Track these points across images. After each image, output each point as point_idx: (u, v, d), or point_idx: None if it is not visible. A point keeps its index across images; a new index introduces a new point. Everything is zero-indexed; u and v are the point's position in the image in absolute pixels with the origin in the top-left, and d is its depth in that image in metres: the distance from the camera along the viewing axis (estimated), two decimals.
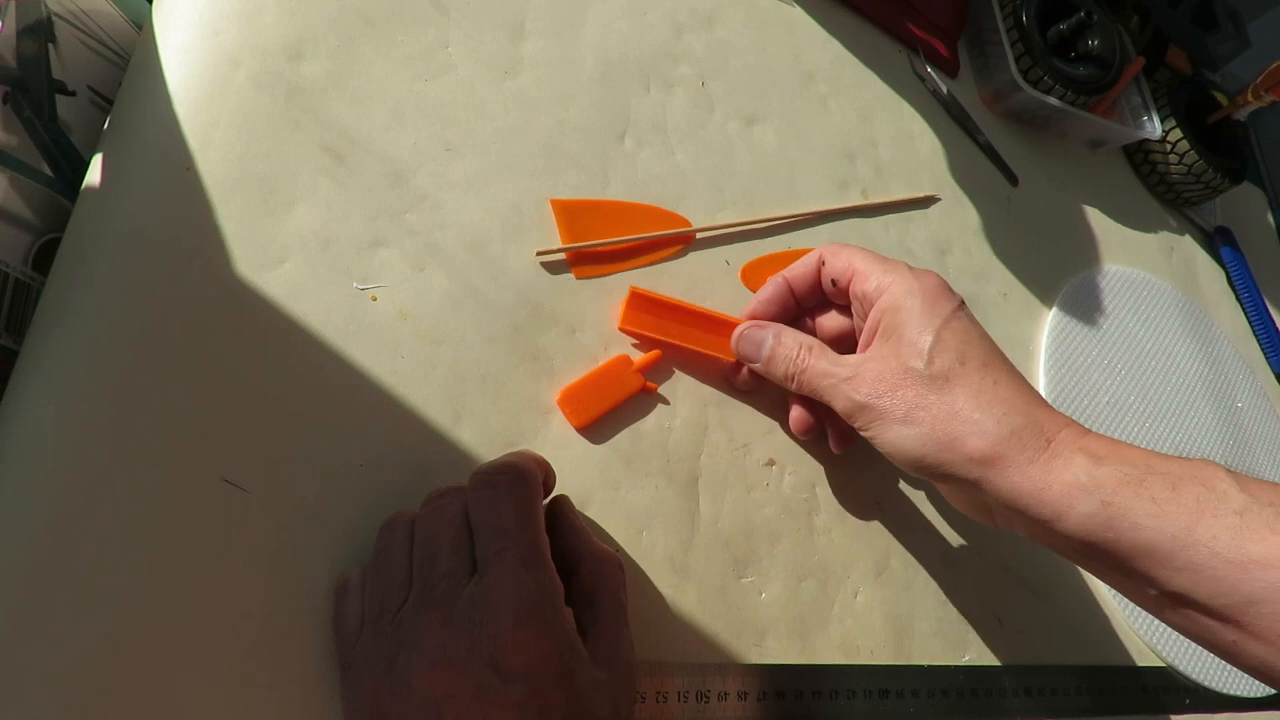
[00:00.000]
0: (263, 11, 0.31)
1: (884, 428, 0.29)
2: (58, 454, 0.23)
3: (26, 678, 0.21)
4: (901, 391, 0.29)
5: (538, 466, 0.26)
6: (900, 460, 0.29)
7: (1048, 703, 0.38)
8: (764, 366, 0.33)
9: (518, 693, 0.21)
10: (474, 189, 0.33)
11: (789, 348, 0.32)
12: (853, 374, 0.30)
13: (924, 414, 0.28)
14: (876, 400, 0.29)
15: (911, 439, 0.28)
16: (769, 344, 0.33)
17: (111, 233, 0.26)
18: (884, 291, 0.30)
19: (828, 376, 0.31)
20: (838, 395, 0.30)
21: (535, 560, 0.23)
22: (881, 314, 0.30)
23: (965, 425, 0.27)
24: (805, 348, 0.32)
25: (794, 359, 0.32)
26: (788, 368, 0.32)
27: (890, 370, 0.29)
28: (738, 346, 0.34)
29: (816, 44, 0.48)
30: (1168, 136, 0.61)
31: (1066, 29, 0.55)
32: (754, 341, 0.33)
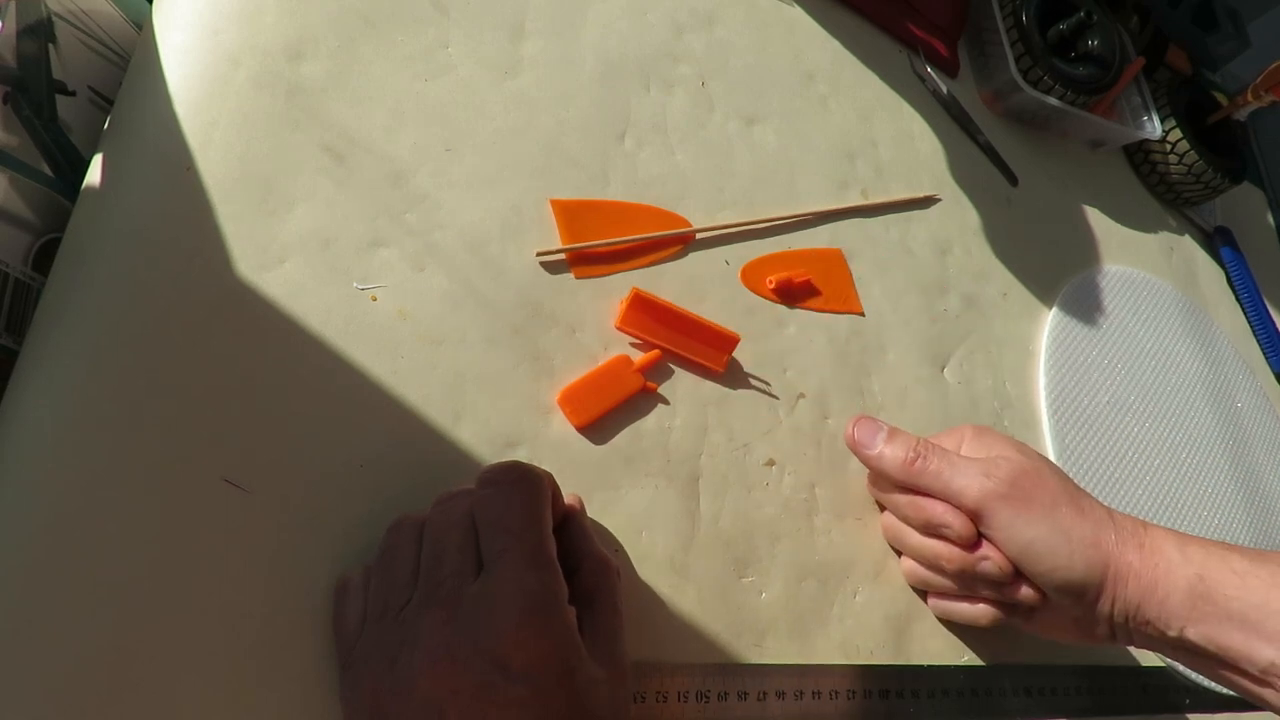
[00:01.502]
0: (263, 11, 0.31)
1: (1023, 527, 0.32)
2: (58, 454, 0.23)
3: (26, 678, 0.21)
4: (1036, 492, 0.32)
5: (546, 476, 0.26)
6: (1026, 552, 0.32)
7: (1048, 703, 0.38)
8: (880, 456, 0.34)
9: (520, 691, 0.21)
10: (474, 189, 0.33)
11: (906, 443, 0.34)
12: (985, 470, 0.32)
13: (1060, 511, 0.32)
14: (997, 495, 0.32)
15: (1041, 523, 0.31)
16: (883, 434, 0.34)
17: (111, 233, 0.26)
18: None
19: (955, 469, 0.33)
20: (966, 479, 0.32)
21: (540, 560, 0.23)
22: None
23: (1088, 529, 0.31)
24: (924, 443, 0.34)
25: (916, 445, 0.34)
26: (908, 453, 0.33)
27: (1017, 473, 0.32)
28: (855, 434, 0.35)
29: (816, 44, 0.48)
30: (1168, 136, 0.61)
31: (1066, 29, 0.55)
32: (868, 432, 0.35)
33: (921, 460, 0.33)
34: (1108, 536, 0.31)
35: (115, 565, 0.23)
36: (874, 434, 0.34)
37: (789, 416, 0.37)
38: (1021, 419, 0.46)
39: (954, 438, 0.36)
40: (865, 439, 0.34)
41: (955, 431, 0.36)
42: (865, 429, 0.34)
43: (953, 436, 0.36)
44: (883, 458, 0.34)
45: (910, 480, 0.33)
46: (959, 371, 0.44)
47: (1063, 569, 0.30)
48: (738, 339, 0.35)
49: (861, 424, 0.35)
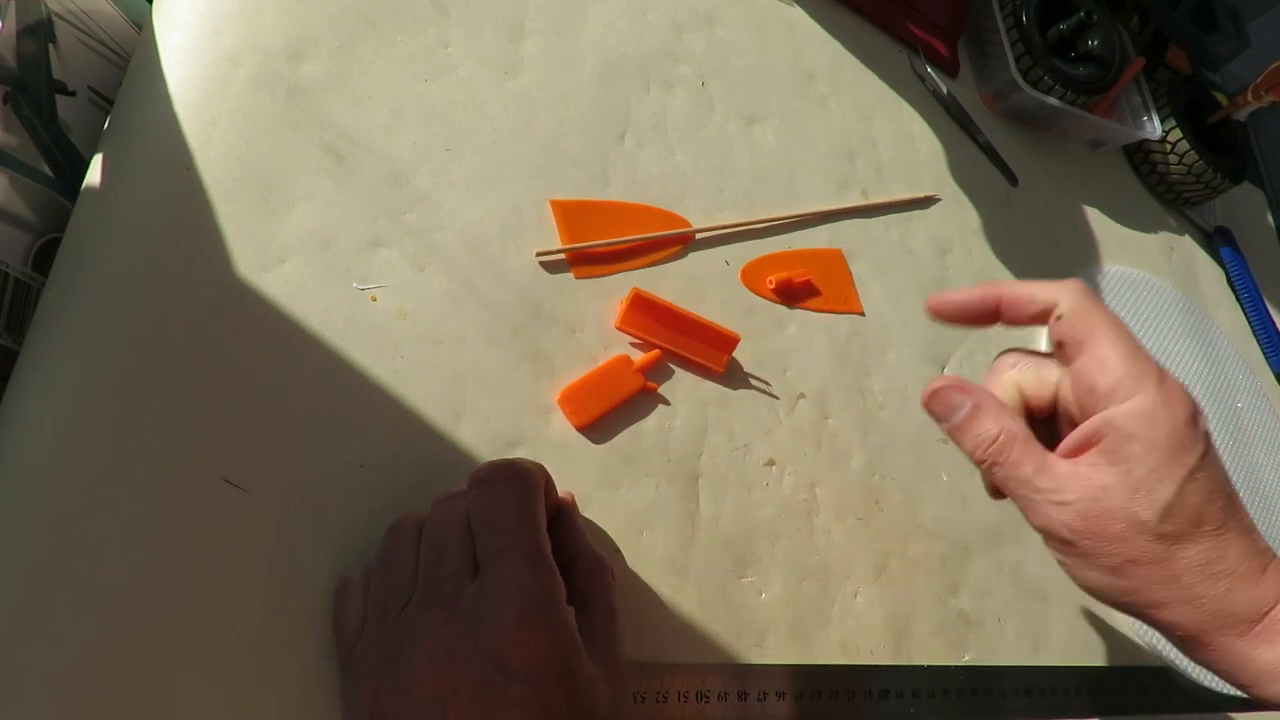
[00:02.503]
0: (263, 11, 0.31)
1: (1083, 568, 0.26)
2: (58, 454, 0.23)
3: (26, 678, 0.21)
4: (1119, 544, 0.24)
5: (539, 470, 0.26)
6: (1087, 592, 0.26)
7: (1048, 703, 0.38)
8: (952, 432, 0.28)
9: (520, 691, 0.21)
10: (474, 189, 0.33)
11: (986, 430, 0.27)
12: (1061, 497, 0.25)
13: (1138, 571, 0.24)
14: (1089, 543, 0.25)
15: (1112, 590, 0.25)
16: (961, 414, 0.27)
17: (111, 233, 0.26)
18: (1119, 401, 0.24)
19: (1029, 488, 0.26)
20: (1036, 512, 0.26)
21: (537, 559, 0.23)
22: (1107, 429, 0.25)
23: (1180, 594, 0.24)
24: (1008, 439, 0.26)
25: (989, 447, 0.26)
26: (979, 453, 0.27)
27: (1111, 511, 0.24)
28: (927, 402, 0.29)
29: (816, 44, 0.48)
30: (1168, 136, 0.61)
31: (1066, 29, 0.55)
32: (946, 404, 0.28)
33: (1001, 469, 0.27)
34: (1203, 626, 0.25)
35: (115, 565, 0.23)
36: (951, 409, 0.28)
37: (789, 416, 0.37)
38: None
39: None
40: (942, 412, 0.28)
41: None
42: (944, 402, 0.28)
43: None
44: (958, 437, 0.28)
45: (984, 471, 0.28)
46: (959, 371, 0.44)
47: (1121, 610, 0.26)
48: (738, 339, 0.35)
49: (942, 395, 0.28)
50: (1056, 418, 0.28)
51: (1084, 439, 0.25)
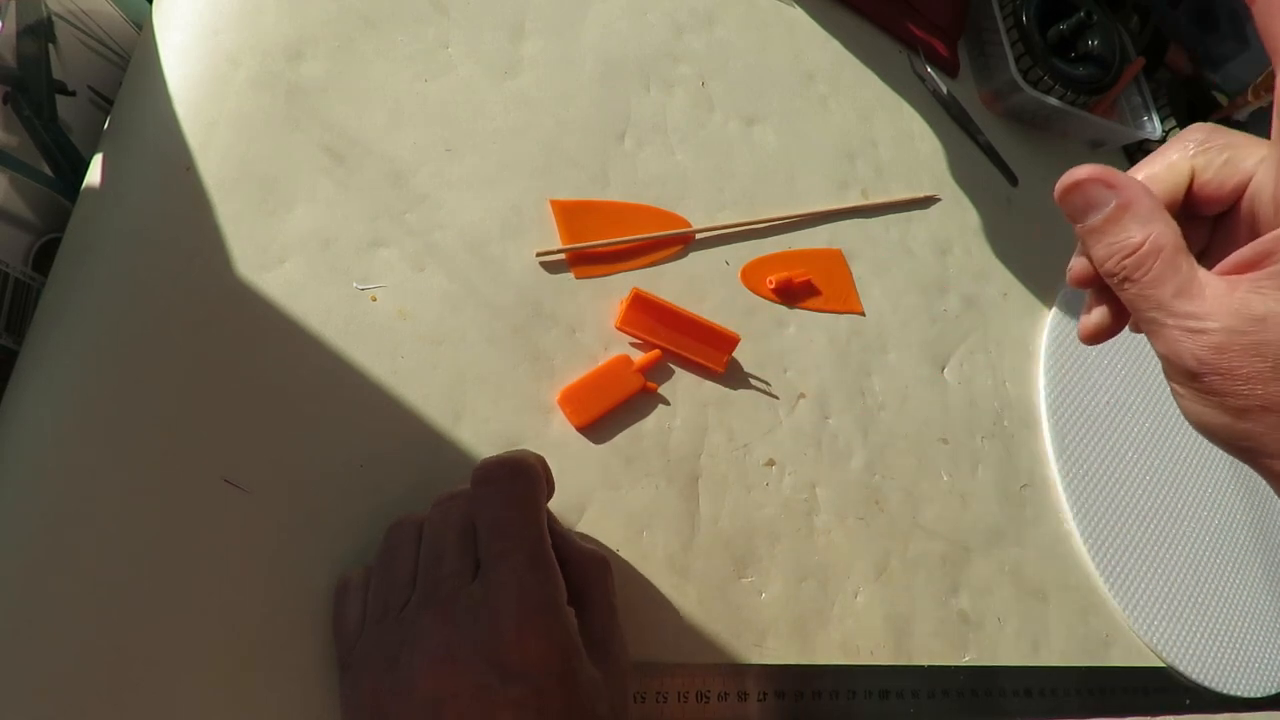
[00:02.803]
0: (263, 11, 0.31)
1: (1202, 404, 0.21)
2: (58, 454, 0.23)
3: (26, 678, 0.21)
4: (1256, 384, 0.20)
5: (540, 465, 0.26)
6: (1201, 431, 0.22)
7: (1048, 703, 0.38)
8: (1085, 234, 0.23)
9: (519, 692, 0.21)
10: (474, 189, 0.33)
11: (1128, 237, 0.21)
12: (1201, 325, 0.20)
13: (1267, 418, 0.20)
14: (1217, 379, 0.20)
15: (1229, 432, 0.21)
16: (1101, 214, 0.22)
17: (111, 233, 0.26)
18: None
19: (1162, 310, 0.21)
20: (1165, 340, 0.21)
21: (539, 560, 0.23)
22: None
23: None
24: (1152, 249, 0.21)
25: (1125, 258, 0.21)
26: (1113, 265, 0.22)
27: (1254, 348, 0.20)
28: (1063, 194, 0.23)
29: (816, 44, 0.48)
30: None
31: (1066, 29, 0.55)
32: (1087, 200, 0.22)
33: (1133, 286, 0.22)
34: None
35: (115, 565, 0.23)
36: (1090, 207, 0.22)
37: (789, 416, 0.37)
38: (1021, 419, 0.46)
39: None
40: (1078, 209, 0.23)
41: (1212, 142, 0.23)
42: (1085, 196, 0.22)
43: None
44: (1090, 240, 0.23)
45: (1113, 288, 0.23)
46: (959, 371, 0.44)
47: (1238, 455, 0.22)
48: (738, 339, 0.35)
49: (1084, 187, 0.22)
50: (1232, 217, 0.23)
51: (1261, 252, 0.20)
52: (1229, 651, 0.46)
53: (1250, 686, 0.46)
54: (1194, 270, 0.21)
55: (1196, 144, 0.23)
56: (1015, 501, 0.43)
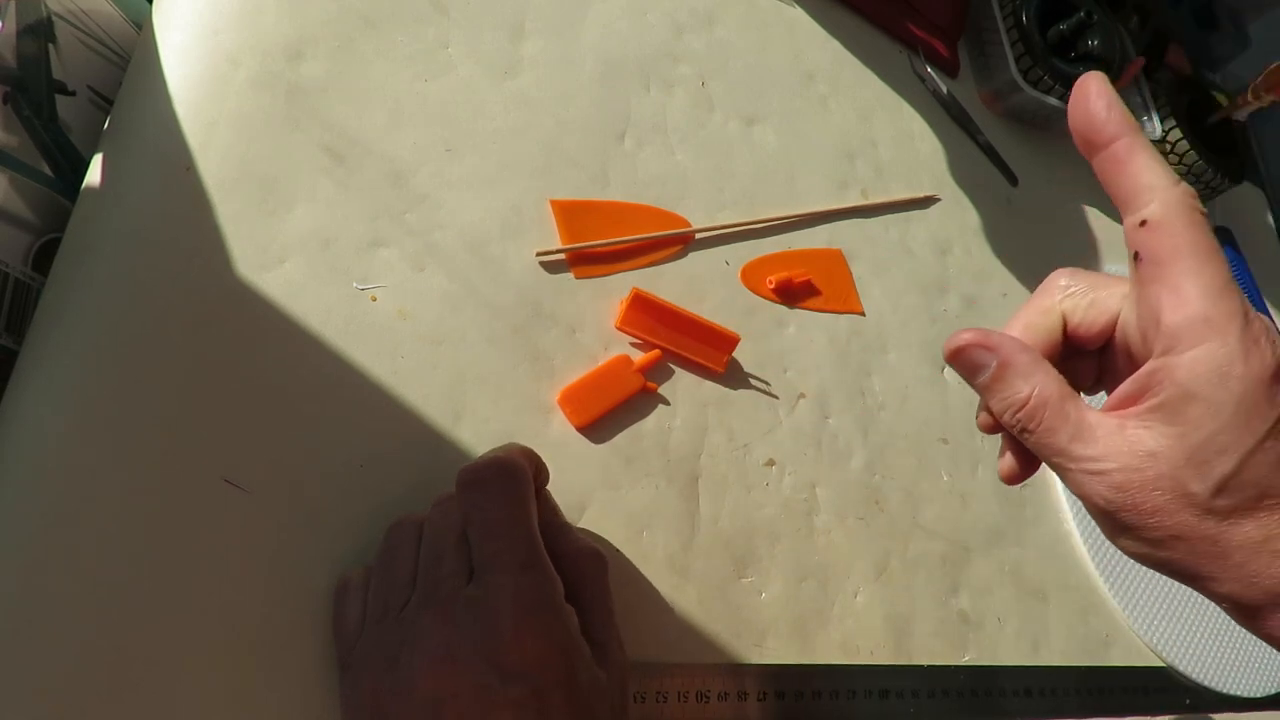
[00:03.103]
0: (263, 11, 0.31)
1: (1120, 538, 0.22)
2: (58, 454, 0.23)
3: (26, 678, 0.21)
4: (1161, 517, 0.21)
5: (526, 459, 0.26)
6: (1134, 559, 0.23)
7: (1048, 703, 0.38)
8: (979, 392, 0.24)
9: (518, 693, 0.21)
10: (474, 189, 0.33)
11: (1015, 392, 0.23)
12: (1099, 467, 0.21)
13: (1182, 545, 0.21)
14: (1126, 515, 0.21)
15: (1154, 560, 0.22)
16: (986, 374, 0.23)
17: (111, 233, 0.26)
18: (1186, 348, 0.20)
19: (1063, 456, 0.22)
20: (1072, 483, 0.22)
21: (531, 560, 0.23)
22: (1166, 381, 0.20)
23: (1231, 571, 0.21)
24: (1039, 403, 0.22)
25: (1018, 412, 0.23)
26: (1009, 418, 0.23)
27: (1153, 482, 0.21)
28: (949, 359, 0.24)
29: (816, 44, 0.48)
30: (1168, 136, 0.61)
31: (1066, 29, 0.55)
32: (970, 363, 0.24)
33: (1032, 436, 0.23)
34: (1256, 601, 0.21)
35: (115, 565, 0.23)
36: (976, 369, 0.24)
37: (789, 416, 0.37)
38: None
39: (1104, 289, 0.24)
40: (966, 371, 0.24)
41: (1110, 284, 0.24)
42: (967, 361, 0.24)
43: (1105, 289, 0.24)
44: (985, 397, 0.24)
45: (1017, 438, 0.24)
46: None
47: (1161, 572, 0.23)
48: (738, 339, 0.35)
49: (966, 353, 0.24)
50: (1111, 350, 0.24)
51: (1138, 388, 0.21)
52: (1229, 651, 0.46)
53: (1250, 686, 0.46)
54: (1084, 414, 0.22)
55: (1062, 290, 0.24)
56: (1015, 501, 0.43)
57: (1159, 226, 0.20)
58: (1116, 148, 0.21)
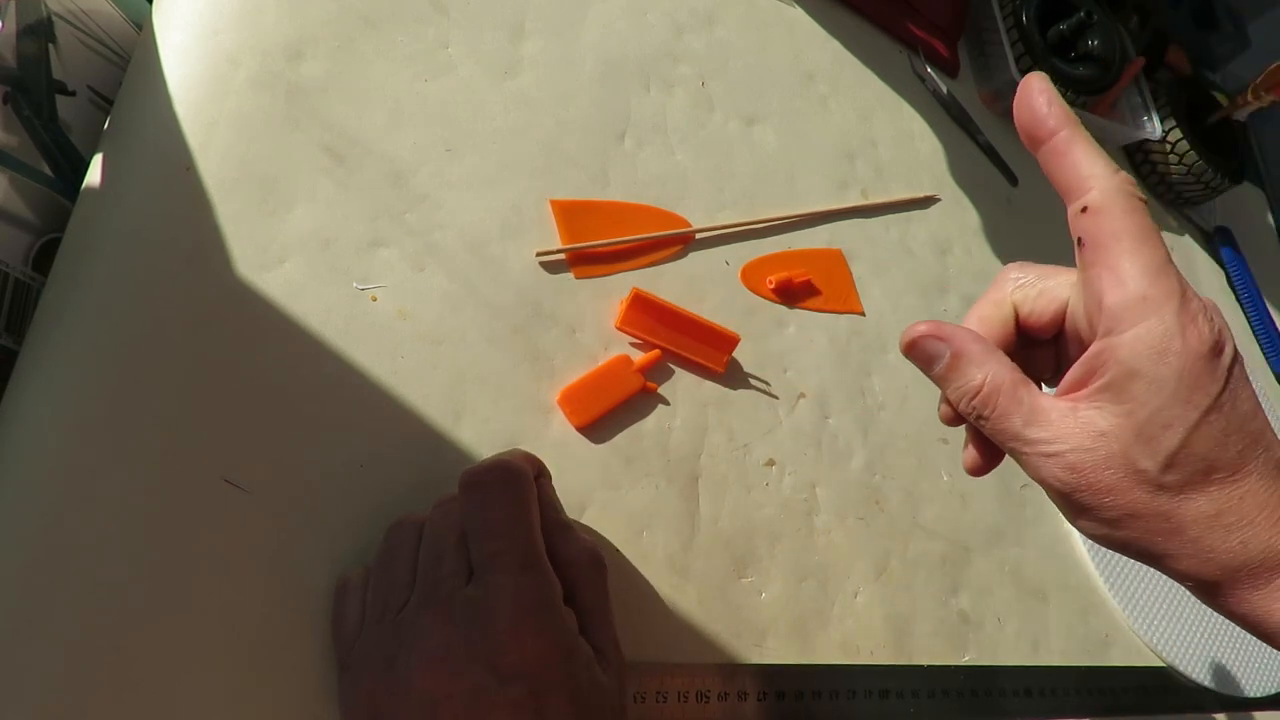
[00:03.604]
0: (263, 11, 0.31)
1: (1084, 520, 0.23)
2: (58, 454, 0.23)
3: (26, 678, 0.21)
4: (1115, 495, 0.21)
5: (528, 463, 0.26)
6: (1095, 542, 0.24)
7: (1048, 703, 0.38)
8: (936, 382, 0.25)
9: (516, 693, 0.21)
10: (474, 189, 0.33)
11: (969, 380, 0.23)
12: (1053, 449, 0.22)
13: (1137, 523, 0.22)
14: (1082, 495, 0.22)
15: (1113, 540, 0.23)
16: (941, 363, 0.24)
17: (111, 233, 0.26)
18: (1126, 327, 0.21)
19: (1018, 440, 0.23)
20: (1029, 466, 0.23)
21: (531, 562, 0.23)
22: (1110, 361, 0.21)
23: (1186, 546, 0.21)
24: (992, 389, 0.23)
25: (972, 400, 0.23)
26: (965, 406, 0.24)
27: (1105, 461, 0.21)
28: (905, 351, 0.25)
29: (816, 44, 0.48)
30: (1168, 136, 0.61)
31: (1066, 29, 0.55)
32: (925, 354, 0.25)
33: (987, 423, 0.23)
34: (1214, 576, 0.22)
35: (115, 565, 0.23)
36: (931, 359, 0.25)
37: (789, 416, 0.37)
38: None
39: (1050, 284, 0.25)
40: (921, 362, 0.25)
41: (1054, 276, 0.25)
42: (922, 351, 0.25)
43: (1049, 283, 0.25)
44: (942, 387, 0.25)
45: (974, 426, 0.25)
46: None
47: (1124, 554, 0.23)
48: (738, 339, 0.35)
49: (919, 344, 0.24)
50: (1064, 338, 0.25)
51: (1085, 371, 0.22)
52: (1229, 651, 0.46)
53: (1250, 686, 0.46)
54: (1036, 399, 0.22)
55: (1013, 282, 0.25)
56: (1015, 501, 0.43)
57: (1098, 212, 0.21)
58: (1057, 140, 0.22)
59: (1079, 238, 0.22)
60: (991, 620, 0.39)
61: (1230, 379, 0.21)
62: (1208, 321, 0.21)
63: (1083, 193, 0.22)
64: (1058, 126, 0.22)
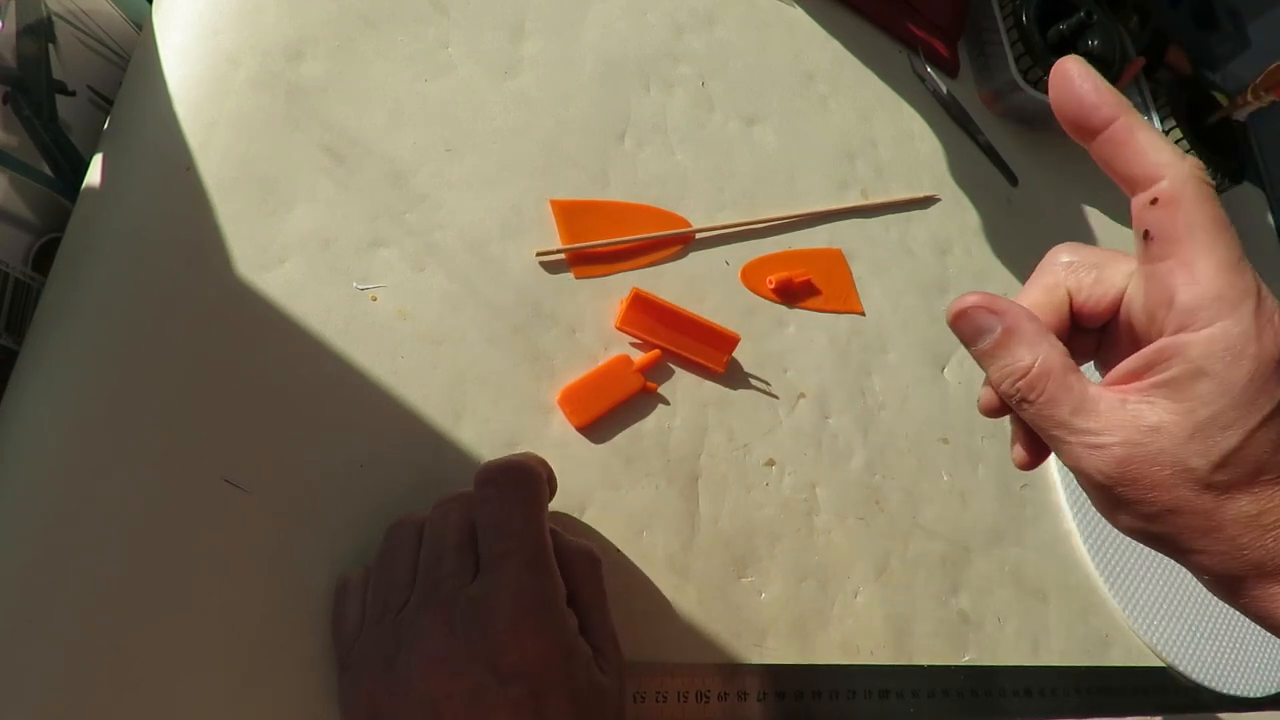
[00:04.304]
0: (263, 11, 0.31)
1: (1113, 511, 0.22)
2: (58, 454, 0.23)
3: (26, 678, 0.21)
4: (1159, 491, 0.21)
5: (542, 467, 0.26)
6: (1121, 531, 0.23)
7: (1048, 703, 0.38)
8: (979, 358, 0.24)
9: (516, 694, 0.21)
10: (474, 189, 0.33)
11: (1018, 360, 0.22)
12: (1099, 440, 0.21)
13: (1176, 520, 0.21)
14: (1124, 489, 0.21)
15: (1143, 534, 0.22)
16: (990, 339, 0.23)
17: (111, 233, 0.26)
18: (1200, 325, 0.20)
19: (1063, 429, 0.22)
20: (1070, 456, 0.22)
21: (539, 563, 0.23)
22: (1176, 358, 0.20)
23: (1220, 544, 0.21)
24: (1041, 372, 0.22)
25: (1018, 381, 0.22)
26: (1006, 385, 0.23)
27: (1153, 456, 0.20)
28: (953, 321, 0.24)
29: (816, 44, 0.48)
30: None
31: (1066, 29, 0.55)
32: (974, 326, 0.23)
33: (1031, 407, 0.22)
34: (1247, 574, 0.21)
35: (115, 565, 0.23)
36: (979, 333, 0.23)
37: (789, 416, 0.37)
38: None
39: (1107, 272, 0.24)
40: (968, 335, 0.24)
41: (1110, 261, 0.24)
42: (971, 323, 0.23)
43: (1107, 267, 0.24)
44: (985, 364, 0.24)
45: (1014, 410, 0.24)
46: (959, 371, 0.44)
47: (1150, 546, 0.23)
48: (738, 339, 0.35)
49: (970, 315, 0.23)
50: (1114, 326, 0.24)
51: (1144, 364, 0.21)
52: (1229, 651, 0.46)
53: (1250, 686, 0.46)
54: (1086, 387, 0.22)
55: (1065, 266, 0.24)
56: (1015, 501, 0.43)
57: (1171, 203, 0.20)
58: (1115, 129, 0.21)
59: (1145, 230, 0.21)
60: (991, 620, 0.39)
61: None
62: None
63: (1152, 182, 0.20)
64: (1113, 113, 0.21)
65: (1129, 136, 0.21)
